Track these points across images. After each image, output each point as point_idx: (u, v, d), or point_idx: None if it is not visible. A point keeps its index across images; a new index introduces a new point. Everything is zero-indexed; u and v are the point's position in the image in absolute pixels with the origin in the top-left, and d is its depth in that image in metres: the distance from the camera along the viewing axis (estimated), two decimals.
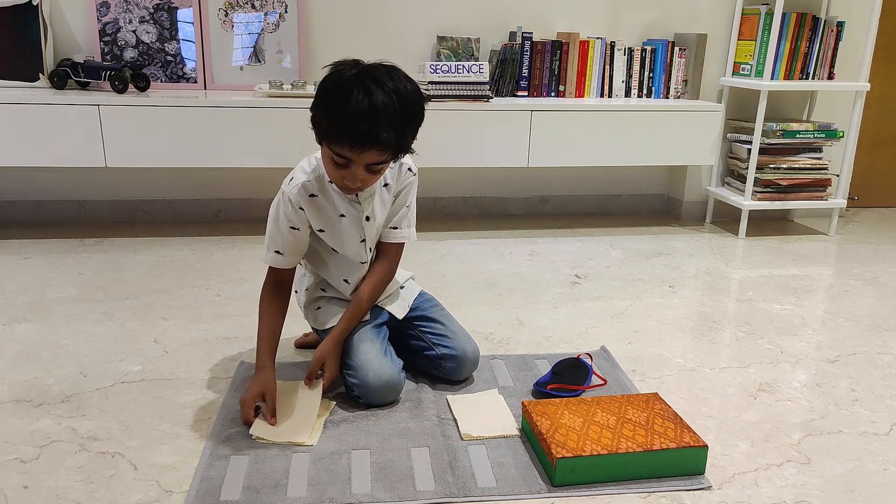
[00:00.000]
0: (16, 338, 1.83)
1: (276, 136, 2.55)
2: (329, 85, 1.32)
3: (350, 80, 1.30)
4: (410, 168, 1.57)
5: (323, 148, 1.38)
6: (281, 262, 1.52)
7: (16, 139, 2.43)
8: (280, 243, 1.51)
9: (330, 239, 1.54)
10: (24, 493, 1.22)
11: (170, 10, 2.71)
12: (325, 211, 1.51)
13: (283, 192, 1.49)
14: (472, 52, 2.87)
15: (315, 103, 1.35)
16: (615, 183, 3.26)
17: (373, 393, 1.49)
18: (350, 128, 1.29)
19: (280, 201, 1.50)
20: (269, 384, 1.46)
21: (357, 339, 1.54)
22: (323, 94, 1.33)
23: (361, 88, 1.28)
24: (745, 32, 2.96)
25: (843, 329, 2.05)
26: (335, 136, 1.32)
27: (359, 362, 1.50)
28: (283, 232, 1.50)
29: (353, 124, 1.28)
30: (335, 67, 1.34)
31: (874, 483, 1.33)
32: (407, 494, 1.24)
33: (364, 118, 1.28)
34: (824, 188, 3.00)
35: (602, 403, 1.44)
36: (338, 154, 1.34)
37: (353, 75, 1.31)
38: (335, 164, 1.36)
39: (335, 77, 1.32)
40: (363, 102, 1.28)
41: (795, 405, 1.61)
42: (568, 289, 2.30)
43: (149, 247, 2.59)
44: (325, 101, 1.32)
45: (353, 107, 1.28)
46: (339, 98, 1.29)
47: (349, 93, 1.28)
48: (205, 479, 1.26)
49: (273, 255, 1.52)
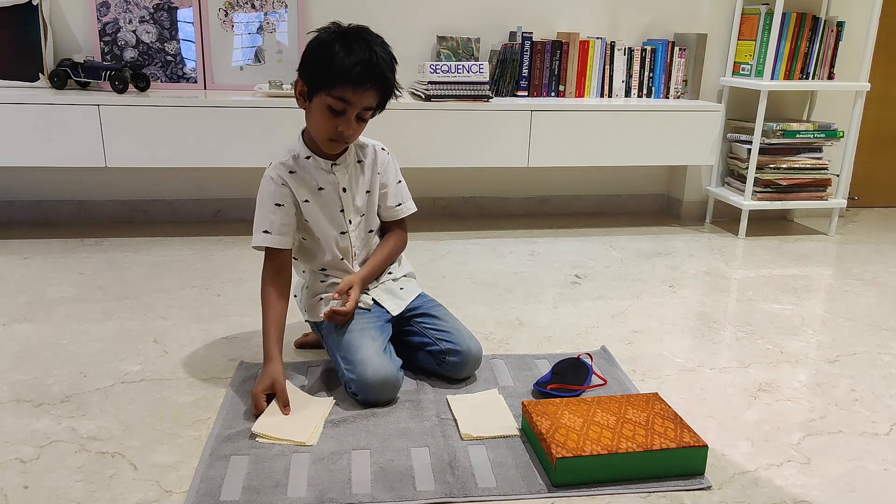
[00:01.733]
0: (16, 338, 1.83)
1: (276, 136, 2.55)
2: (324, 39, 1.45)
3: (345, 33, 1.45)
4: (383, 148, 1.69)
5: (315, 101, 1.47)
6: (270, 240, 1.55)
7: (16, 139, 2.43)
8: (267, 222, 1.55)
9: (312, 210, 1.58)
10: (24, 493, 1.22)
11: (170, 10, 2.71)
12: (306, 183, 1.57)
13: (266, 175, 1.57)
14: (472, 52, 2.87)
15: (308, 59, 1.47)
16: (615, 183, 3.26)
17: (370, 389, 1.49)
18: (354, 67, 1.41)
19: (263, 184, 1.57)
20: (278, 375, 1.48)
21: (358, 335, 1.54)
22: (318, 48, 1.45)
23: (357, 38, 1.44)
24: (745, 32, 2.96)
25: (843, 329, 2.05)
26: (338, 78, 1.42)
27: (358, 358, 1.50)
28: (269, 209, 1.55)
29: (357, 64, 1.41)
30: (321, 29, 1.48)
31: (874, 483, 1.33)
32: (407, 494, 1.24)
33: (367, 59, 1.43)
34: (824, 188, 3.00)
35: (602, 403, 1.44)
36: (337, 98, 1.44)
37: (345, 30, 1.46)
38: (332, 112, 1.46)
39: (328, 34, 1.45)
40: (363, 47, 1.43)
41: (795, 405, 1.61)
42: (568, 289, 2.30)
43: (149, 247, 2.59)
44: (322, 52, 1.44)
45: (355, 50, 1.42)
46: (339, 46, 1.42)
47: (346, 41, 1.43)
48: (205, 479, 1.26)
49: (262, 236, 1.55)
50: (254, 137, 2.54)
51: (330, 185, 1.59)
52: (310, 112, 1.51)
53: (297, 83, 1.51)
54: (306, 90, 1.49)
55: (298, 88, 1.51)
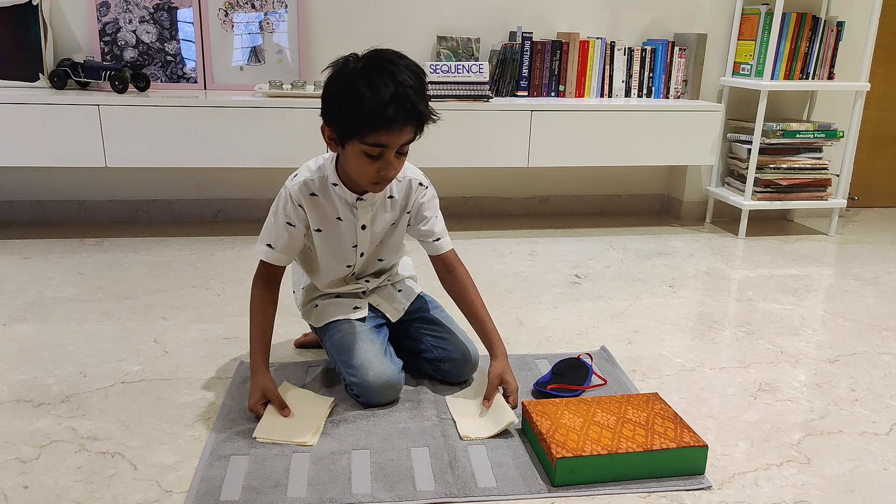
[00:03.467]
0: (16, 338, 1.83)
1: (276, 136, 2.55)
2: (345, 82, 1.31)
3: (366, 70, 1.30)
4: (421, 182, 1.56)
5: (349, 148, 1.36)
6: (270, 256, 1.51)
7: (16, 139, 2.43)
8: (273, 237, 1.50)
9: (323, 240, 1.53)
10: (24, 493, 1.22)
11: (170, 10, 2.71)
12: (324, 211, 1.51)
13: (286, 187, 1.50)
14: (472, 52, 2.87)
15: (331, 106, 1.35)
16: (615, 183, 3.26)
17: (372, 392, 1.49)
18: (386, 110, 1.28)
19: (281, 196, 1.50)
20: (268, 385, 1.47)
21: (357, 338, 1.54)
22: (341, 93, 1.32)
23: (380, 73, 1.29)
24: (745, 32, 2.96)
25: (843, 329, 2.05)
26: (370, 125, 1.30)
27: (359, 361, 1.50)
28: (279, 226, 1.50)
29: (388, 105, 1.28)
30: (339, 67, 1.34)
31: (874, 483, 1.33)
32: (407, 494, 1.24)
33: (396, 97, 1.28)
34: (824, 188, 3.00)
35: (602, 403, 1.44)
36: (373, 144, 1.33)
37: (364, 65, 1.31)
38: (369, 158, 1.35)
39: (347, 74, 1.31)
40: (390, 85, 1.28)
41: (795, 405, 1.61)
42: (568, 289, 2.30)
43: (149, 247, 2.59)
44: (346, 97, 1.31)
45: (383, 91, 1.28)
46: (363, 86, 1.29)
47: (371, 81, 1.29)
48: (205, 479, 1.26)
49: (264, 248, 1.51)
50: (254, 137, 2.54)
51: (349, 219, 1.51)
52: (345, 157, 1.40)
53: (325, 129, 1.39)
54: (336, 137, 1.37)
55: (327, 134, 1.39)
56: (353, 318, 1.59)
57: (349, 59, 1.34)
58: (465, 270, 1.61)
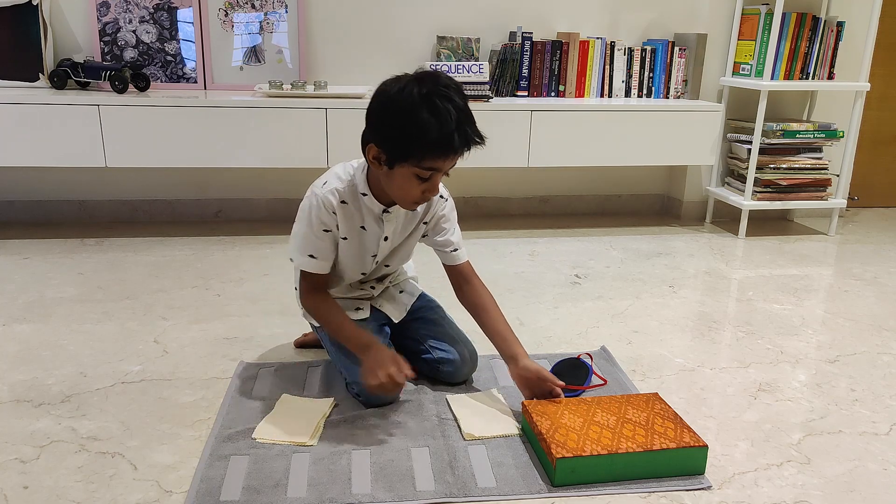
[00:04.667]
0: (16, 338, 1.83)
1: (276, 136, 2.55)
2: (405, 108, 1.30)
3: (428, 97, 1.30)
4: (442, 195, 1.57)
5: (399, 169, 1.35)
6: (315, 266, 1.49)
7: (16, 139, 2.43)
8: (314, 247, 1.48)
9: (346, 248, 1.52)
10: (24, 493, 1.22)
11: (170, 10, 2.71)
12: (352, 220, 1.49)
13: (317, 195, 1.46)
14: (472, 52, 2.87)
15: (389, 131, 1.34)
16: (615, 183, 3.26)
17: (376, 398, 1.49)
18: (452, 138, 1.30)
19: (312, 204, 1.46)
20: (388, 350, 1.48)
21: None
22: (402, 118, 1.31)
23: (442, 99, 1.30)
24: (745, 32, 2.96)
25: (843, 329, 2.05)
26: (433, 152, 1.32)
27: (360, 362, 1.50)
28: (316, 235, 1.47)
29: (453, 133, 1.30)
30: (395, 92, 1.32)
31: (874, 483, 1.33)
32: (407, 494, 1.24)
33: (460, 124, 1.31)
34: (824, 188, 3.00)
35: (602, 403, 1.44)
36: (427, 168, 1.34)
37: (424, 91, 1.30)
38: (418, 179, 1.36)
39: (407, 100, 1.30)
40: (452, 111, 1.30)
41: (795, 405, 1.61)
42: (568, 289, 2.30)
43: (149, 247, 2.59)
44: (408, 124, 1.30)
45: (448, 118, 1.29)
46: (428, 115, 1.29)
47: (434, 107, 1.29)
48: (205, 479, 1.26)
49: (307, 260, 1.48)
50: (254, 137, 2.54)
51: (373, 229, 1.51)
52: (389, 177, 1.39)
53: (371, 148, 1.37)
54: (385, 158, 1.36)
55: (373, 154, 1.37)
56: (355, 319, 1.59)
57: (404, 83, 1.32)
58: (481, 282, 1.61)
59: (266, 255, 2.54)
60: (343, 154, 2.58)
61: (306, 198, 1.49)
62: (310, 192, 1.49)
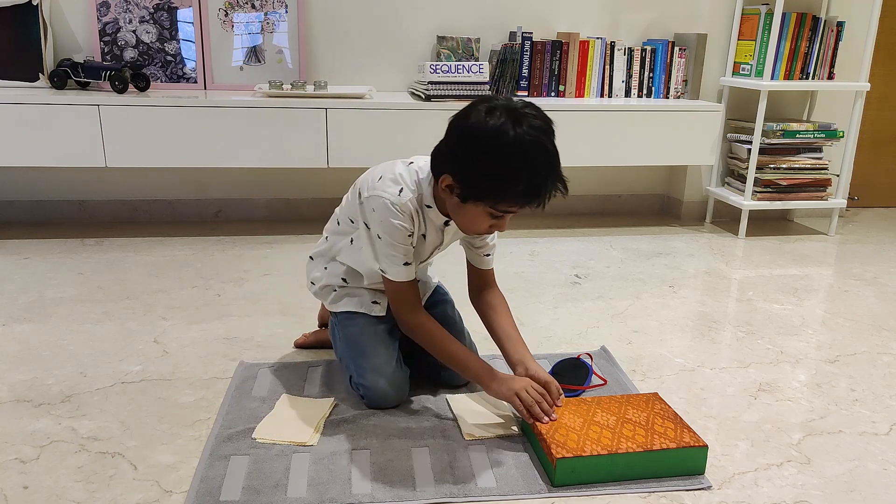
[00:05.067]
0: (16, 338, 1.83)
1: (276, 136, 2.55)
2: (499, 151, 1.23)
3: (520, 140, 1.23)
4: None
5: (472, 205, 1.31)
6: (412, 273, 1.43)
7: (16, 139, 2.43)
8: (404, 252, 1.41)
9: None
10: (24, 493, 1.22)
11: (170, 10, 2.71)
12: (418, 229, 1.45)
13: (394, 202, 1.37)
14: (472, 52, 2.87)
15: (474, 170, 1.27)
16: (615, 183, 3.26)
17: (380, 398, 1.49)
18: (541, 193, 1.26)
19: (393, 211, 1.37)
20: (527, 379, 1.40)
21: (374, 340, 1.53)
22: (493, 160, 1.24)
23: (535, 146, 1.24)
24: (745, 32, 2.96)
25: (843, 329, 2.05)
26: (513, 200, 1.27)
27: (372, 364, 1.49)
28: (403, 241, 1.40)
29: (542, 188, 1.26)
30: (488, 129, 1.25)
31: (874, 483, 1.33)
32: (407, 494, 1.24)
33: (549, 176, 1.26)
34: (824, 188, 3.00)
35: (602, 403, 1.44)
36: (503, 211, 1.30)
37: (520, 134, 1.23)
38: (490, 217, 1.32)
39: (499, 140, 1.23)
40: (545, 162, 1.25)
41: (795, 405, 1.61)
42: (568, 289, 2.30)
43: (149, 247, 2.59)
44: (499, 169, 1.24)
45: (541, 172, 1.25)
46: (522, 165, 1.23)
47: (529, 157, 1.23)
48: (205, 479, 1.26)
49: (405, 269, 1.41)
50: (254, 137, 2.54)
51: (432, 239, 1.48)
52: (459, 208, 1.34)
53: (446, 179, 1.31)
54: (460, 192, 1.30)
55: (447, 184, 1.31)
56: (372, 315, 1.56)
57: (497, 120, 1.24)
58: (500, 292, 1.60)
59: (266, 255, 2.54)
60: (343, 154, 2.59)
61: (374, 203, 1.39)
62: (376, 198, 1.39)
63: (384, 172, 1.43)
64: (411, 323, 1.46)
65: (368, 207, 1.41)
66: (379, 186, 1.40)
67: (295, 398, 1.54)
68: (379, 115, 2.59)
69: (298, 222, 2.94)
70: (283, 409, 1.49)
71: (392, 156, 2.65)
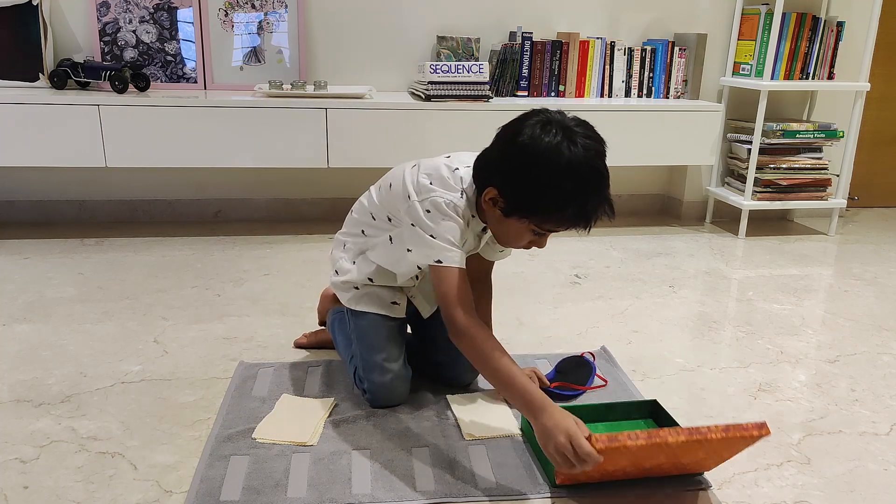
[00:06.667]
0: (16, 338, 1.83)
1: (275, 136, 2.55)
2: (551, 172, 1.20)
3: (574, 163, 1.20)
4: None
5: (515, 220, 1.27)
6: (464, 259, 1.33)
7: (16, 139, 2.43)
8: (456, 235, 1.31)
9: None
10: (24, 493, 1.22)
11: (170, 10, 2.71)
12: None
13: (456, 203, 1.32)
14: (472, 52, 2.87)
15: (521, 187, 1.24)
16: (615, 183, 3.19)
17: (385, 397, 1.49)
18: (585, 215, 1.23)
19: (450, 212, 1.31)
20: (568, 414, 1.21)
21: (385, 336, 1.51)
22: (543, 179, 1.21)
23: (589, 170, 1.22)
24: (745, 32, 2.96)
25: (843, 329, 2.05)
26: (560, 221, 1.25)
27: (382, 361, 1.49)
28: (458, 226, 1.32)
29: (591, 214, 1.23)
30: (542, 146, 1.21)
31: (874, 483, 1.33)
32: (407, 494, 1.24)
33: (599, 201, 1.23)
34: (824, 188, 3.00)
35: (688, 446, 1.17)
36: (547, 230, 1.28)
37: (575, 155, 1.20)
38: (532, 234, 1.29)
39: (553, 160, 1.20)
40: (596, 187, 1.23)
41: (795, 405, 1.61)
42: (568, 289, 2.30)
43: (149, 247, 2.59)
44: (549, 189, 1.21)
45: (592, 199, 1.22)
46: (573, 189, 1.20)
47: (580, 178, 1.20)
48: (205, 479, 1.26)
49: (460, 254, 1.31)
50: (254, 137, 2.54)
51: (471, 243, 1.44)
52: (500, 221, 1.30)
53: (490, 191, 1.27)
54: (504, 206, 1.27)
55: (491, 196, 1.28)
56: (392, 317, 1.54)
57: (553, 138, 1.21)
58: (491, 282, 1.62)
59: (266, 254, 2.54)
60: (343, 154, 2.59)
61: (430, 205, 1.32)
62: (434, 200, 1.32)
63: (431, 175, 1.36)
64: (462, 323, 1.30)
65: (422, 208, 1.33)
66: (434, 189, 1.34)
67: (295, 398, 1.54)
68: (379, 115, 2.59)
69: (298, 222, 2.94)
70: (283, 409, 1.49)
71: (392, 155, 2.67)
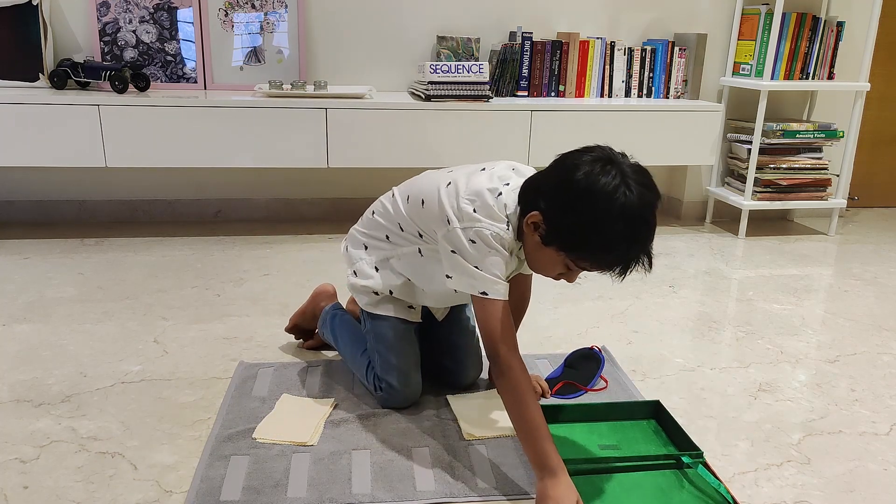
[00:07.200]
0: (16, 338, 1.83)
1: (275, 136, 2.55)
2: (602, 209, 1.19)
3: (627, 208, 1.20)
4: None
5: (553, 251, 1.25)
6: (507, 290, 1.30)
7: (16, 139, 2.43)
8: (501, 268, 1.29)
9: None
10: (24, 493, 1.22)
11: (170, 10, 2.70)
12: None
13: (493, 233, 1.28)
14: (472, 52, 2.87)
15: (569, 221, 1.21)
16: None
17: (400, 400, 1.50)
18: (626, 262, 1.22)
19: (495, 244, 1.28)
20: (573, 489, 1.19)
21: (405, 340, 1.51)
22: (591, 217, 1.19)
23: (639, 219, 1.22)
24: (745, 32, 2.96)
25: (843, 329, 2.05)
26: (599, 261, 1.23)
27: (398, 364, 1.49)
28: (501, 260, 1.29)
29: (632, 262, 1.22)
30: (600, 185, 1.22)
31: (874, 483, 1.33)
32: (407, 494, 1.24)
33: (642, 251, 1.23)
34: (824, 188, 3.00)
35: None
36: (582, 268, 1.26)
37: (629, 200, 1.21)
38: (565, 266, 1.27)
39: (608, 201, 1.20)
40: (643, 237, 1.23)
41: (795, 405, 1.61)
42: (568, 289, 2.30)
43: (149, 247, 2.59)
44: (595, 227, 1.19)
45: (635, 242, 1.21)
46: (622, 234, 1.19)
47: (631, 224, 1.20)
48: (205, 479, 1.26)
49: (504, 287, 1.29)
50: (254, 137, 2.54)
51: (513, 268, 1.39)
52: (537, 247, 1.27)
53: (534, 216, 1.24)
54: (544, 234, 1.24)
55: (533, 221, 1.25)
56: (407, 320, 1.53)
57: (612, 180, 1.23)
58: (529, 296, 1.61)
59: (266, 255, 2.54)
60: (343, 154, 2.59)
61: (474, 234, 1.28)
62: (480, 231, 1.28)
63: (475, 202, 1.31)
64: (506, 363, 1.26)
65: (465, 237, 1.29)
66: (479, 220, 1.29)
67: (295, 398, 1.54)
68: (379, 116, 2.59)
69: (298, 222, 2.94)
70: (283, 409, 1.49)
71: (392, 155, 2.67)
